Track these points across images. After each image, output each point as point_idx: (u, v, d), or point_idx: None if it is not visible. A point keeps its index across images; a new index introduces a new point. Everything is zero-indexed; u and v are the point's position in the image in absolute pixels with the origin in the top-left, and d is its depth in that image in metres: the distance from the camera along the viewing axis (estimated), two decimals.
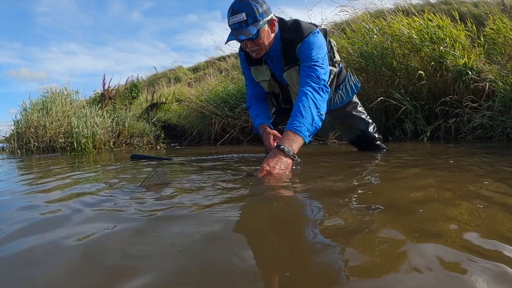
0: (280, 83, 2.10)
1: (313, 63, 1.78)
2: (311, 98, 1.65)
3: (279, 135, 1.79)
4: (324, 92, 1.72)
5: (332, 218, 0.82)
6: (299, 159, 1.88)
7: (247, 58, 2.07)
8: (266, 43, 1.83)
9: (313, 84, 1.71)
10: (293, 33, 1.86)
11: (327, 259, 0.58)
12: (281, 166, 1.45)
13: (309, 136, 1.60)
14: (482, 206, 0.86)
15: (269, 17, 1.78)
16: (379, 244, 0.63)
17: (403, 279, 0.50)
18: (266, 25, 1.78)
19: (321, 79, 1.74)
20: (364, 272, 0.53)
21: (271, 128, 1.97)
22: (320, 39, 1.86)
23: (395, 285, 0.49)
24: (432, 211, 0.83)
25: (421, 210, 0.83)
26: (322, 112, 1.68)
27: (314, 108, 1.63)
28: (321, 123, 1.67)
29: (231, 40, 1.77)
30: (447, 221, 0.74)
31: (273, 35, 1.85)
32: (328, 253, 0.61)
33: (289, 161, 1.50)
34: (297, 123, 1.58)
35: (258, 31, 1.74)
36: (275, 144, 1.71)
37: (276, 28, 1.86)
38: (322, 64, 1.80)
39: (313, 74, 1.74)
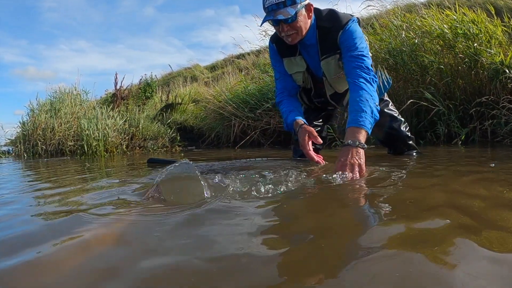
0: (313, 76, 2.15)
1: (359, 53, 1.85)
2: (366, 90, 1.74)
3: (315, 133, 1.82)
4: (374, 83, 1.81)
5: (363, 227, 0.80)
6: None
7: (279, 50, 2.13)
8: (303, 28, 1.88)
9: (365, 75, 1.79)
10: (330, 21, 1.93)
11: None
12: (357, 157, 1.53)
13: (370, 128, 1.68)
14: None
15: (306, 2, 1.85)
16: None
17: None
18: (304, 9, 1.84)
19: (370, 70, 1.82)
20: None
21: (307, 125, 1.95)
22: (359, 28, 1.95)
23: None
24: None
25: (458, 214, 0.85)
26: (377, 103, 1.75)
27: (371, 99, 1.71)
28: (378, 113, 1.76)
29: (268, 19, 1.82)
30: None
31: (309, 21, 1.91)
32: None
33: (361, 151, 1.57)
34: (359, 118, 1.65)
35: (296, 13, 1.79)
36: (310, 143, 1.80)
37: (312, 15, 1.93)
38: (367, 54, 1.88)
39: (363, 65, 1.82)
